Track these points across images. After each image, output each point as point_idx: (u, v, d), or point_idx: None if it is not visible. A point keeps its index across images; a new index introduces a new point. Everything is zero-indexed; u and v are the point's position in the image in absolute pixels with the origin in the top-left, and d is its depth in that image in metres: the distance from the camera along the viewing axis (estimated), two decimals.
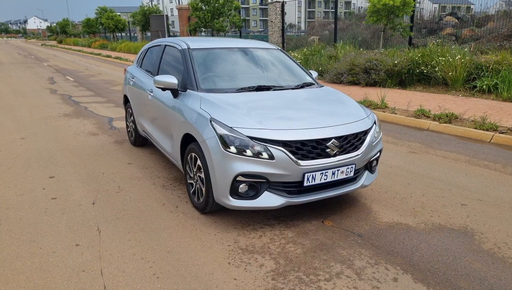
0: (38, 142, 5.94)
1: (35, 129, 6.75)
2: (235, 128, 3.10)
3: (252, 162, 3.02)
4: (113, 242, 3.06)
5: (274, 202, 3.14)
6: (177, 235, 3.18)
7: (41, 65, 21.46)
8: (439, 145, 5.79)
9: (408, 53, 10.69)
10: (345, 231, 3.27)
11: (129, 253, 2.91)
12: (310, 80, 4.41)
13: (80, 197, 3.91)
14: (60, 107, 8.94)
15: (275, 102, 3.58)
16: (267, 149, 3.02)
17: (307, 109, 3.51)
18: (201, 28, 20.74)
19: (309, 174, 3.13)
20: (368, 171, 3.63)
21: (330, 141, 3.17)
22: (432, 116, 7.07)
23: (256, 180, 3.09)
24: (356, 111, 3.65)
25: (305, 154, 3.11)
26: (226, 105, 3.40)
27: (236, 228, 3.31)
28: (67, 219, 3.44)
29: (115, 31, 36.67)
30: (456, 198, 3.91)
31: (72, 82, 13.78)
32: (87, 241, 3.09)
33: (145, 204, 3.76)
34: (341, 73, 11.14)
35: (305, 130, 3.14)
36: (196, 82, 3.81)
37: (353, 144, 3.33)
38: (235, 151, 3.03)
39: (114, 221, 3.42)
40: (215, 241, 3.10)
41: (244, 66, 4.29)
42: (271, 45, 4.80)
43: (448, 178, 4.46)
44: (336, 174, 3.26)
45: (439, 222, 3.43)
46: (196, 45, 4.28)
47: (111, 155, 5.30)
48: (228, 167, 3.05)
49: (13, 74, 16.69)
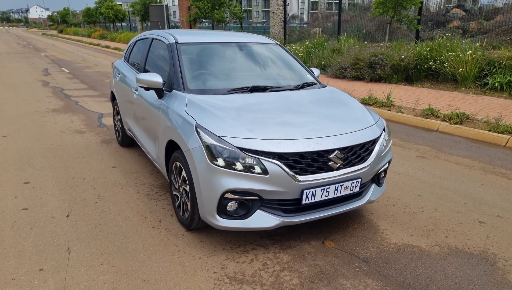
0: (20, 141, 5.54)
1: (19, 126, 6.34)
2: (223, 137, 2.68)
3: (243, 177, 2.62)
4: (82, 267, 2.67)
5: (267, 222, 2.73)
6: (156, 258, 2.78)
7: (38, 56, 21.00)
8: (450, 149, 5.36)
9: (415, 47, 10.19)
10: (348, 254, 2.87)
11: (99, 282, 2.52)
12: (312, 79, 3.97)
13: (54, 208, 3.52)
14: (49, 101, 8.52)
15: (271, 105, 3.16)
16: (260, 163, 2.60)
17: (308, 114, 3.08)
18: (201, 19, 20.17)
19: (308, 191, 2.72)
20: (375, 184, 3.22)
21: (333, 152, 2.76)
22: (441, 116, 6.63)
23: (247, 198, 2.68)
24: (363, 116, 3.23)
25: (304, 167, 2.69)
26: (215, 109, 2.98)
27: (225, 249, 2.91)
28: (35, 236, 3.05)
29: (114, 21, 36.04)
30: (472, 214, 3.50)
31: (66, 74, 13.34)
32: (53, 264, 2.69)
33: (125, 218, 3.36)
34: (344, 68, 10.66)
35: (305, 140, 2.72)
36: (183, 82, 3.38)
37: (360, 155, 2.92)
38: (223, 164, 2.62)
39: (87, 238, 3.03)
40: (199, 266, 2.70)
41: (238, 63, 3.86)
42: (269, 40, 4.35)
43: (462, 188, 4.05)
44: (339, 189, 2.85)
45: (455, 244, 3.02)
46: (185, 39, 3.84)
47: (96, 157, 4.89)
48: (215, 183, 2.65)
49: (8, 64, 16.25)
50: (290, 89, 3.61)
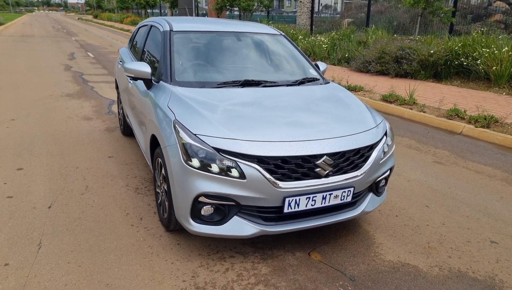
0: (26, 125, 5.53)
1: (30, 110, 6.37)
2: (200, 136, 2.46)
3: (218, 181, 2.39)
4: (48, 265, 2.54)
5: (244, 230, 2.50)
6: (127, 261, 2.62)
7: (69, 40, 21.43)
8: (472, 155, 4.92)
9: (447, 42, 9.55)
10: (334, 270, 2.60)
11: (61, 283, 2.38)
12: (315, 74, 3.67)
13: (38, 198, 3.42)
14: (66, 85, 8.57)
15: (260, 103, 2.89)
16: (237, 166, 2.37)
17: (299, 114, 2.81)
18: (227, 6, 19.88)
19: (291, 199, 2.46)
20: (373, 193, 2.92)
21: (321, 158, 2.48)
22: (467, 118, 6.13)
23: (223, 203, 2.46)
24: (362, 118, 2.92)
25: (287, 173, 2.44)
26: (198, 104, 2.75)
27: (201, 255, 2.71)
28: (11, 227, 2.96)
29: (146, 7, 36.35)
30: (484, 232, 3.14)
31: (90, 58, 13.48)
32: (20, 259, 2.58)
33: (106, 213, 3.22)
34: (368, 61, 10.16)
35: (289, 143, 2.45)
36: (171, 73, 3.17)
37: (353, 162, 2.62)
38: (198, 166, 2.40)
39: (63, 233, 2.90)
40: (169, 273, 2.51)
41: (234, 54, 3.60)
42: (273, 30, 4.06)
43: (477, 201, 3.66)
44: (328, 199, 2.58)
45: (458, 266, 2.69)
46: (180, 26, 3.62)
47: (95, 145, 4.80)
48: (188, 185, 2.44)
49: (39, 48, 16.63)
50: (287, 85, 3.33)
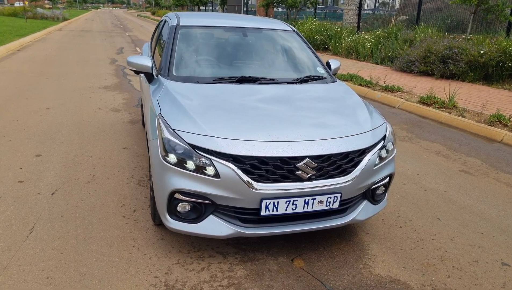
0: (58, 114, 5.83)
1: (65, 100, 6.71)
2: (178, 131, 2.41)
3: (193, 179, 2.33)
4: (33, 249, 2.62)
5: (219, 230, 2.42)
6: (107, 251, 2.64)
7: (123, 35, 22.45)
8: (508, 165, 4.46)
9: (501, 42, 8.77)
10: (314, 279, 2.45)
11: (39, 268, 2.45)
12: (322, 72, 3.49)
13: (46, 184, 3.57)
14: (106, 78, 8.95)
15: (250, 100, 2.79)
16: (212, 164, 2.29)
17: (287, 112, 2.67)
18: (274, 3, 19.75)
19: (268, 201, 2.34)
20: (368, 201, 2.71)
21: (302, 160, 2.33)
22: (510, 125, 5.58)
23: (199, 201, 2.39)
24: (357, 120, 2.72)
25: (264, 174, 2.32)
26: (186, 99, 2.71)
27: (181, 251, 2.67)
28: (12, 210, 3.11)
29: (198, 4, 37.24)
30: (498, 252, 2.81)
31: (137, 53, 14.00)
32: (9, 242, 2.69)
33: (103, 203, 3.28)
34: (412, 61, 9.61)
35: (268, 143, 2.33)
36: (169, 67, 3.17)
37: (340, 166, 2.44)
38: (174, 162, 2.35)
39: (57, 219, 3.00)
40: (143, 267, 2.50)
41: (238, 50, 3.51)
42: (285, 26, 3.92)
43: (499, 217, 3.30)
44: (310, 203, 2.43)
45: (456, 288, 2.42)
46: (188, 22, 3.61)
47: (114, 136, 4.94)
48: (165, 180, 2.40)
49: (93, 42, 17.58)
50: (287, 83, 3.19)
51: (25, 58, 11.45)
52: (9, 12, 35.22)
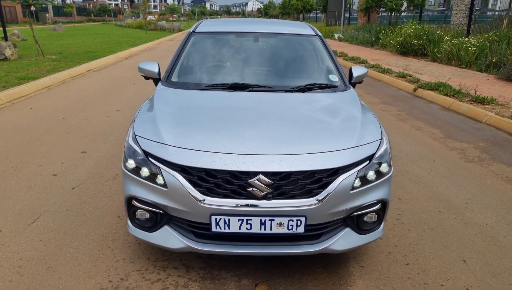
0: (122, 116, 6.33)
1: (136, 103, 7.27)
2: (138, 137, 2.37)
3: (145, 187, 2.26)
4: (26, 238, 2.82)
5: (171, 242, 2.30)
6: (83, 249, 2.71)
7: None
8: None
9: None
10: None
11: (18, 257, 2.61)
12: (334, 80, 3.12)
13: (73, 179, 3.87)
14: None
15: (230, 108, 2.63)
16: (161, 173, 2.19)
17: (261, 122, 2.43)
18: (373, 7, 18.69)
19: (218, 217, 2.14)
20: (351, 229, 2.30)
21: (255, 176, 2.08)
22: None
23: (152, 209, 2.31)
24: (340, 135, 2.35)
25: (213, 188, 2.13)
26: (165, 105, 2.69)
27: (149, 258, 2.61)
28: (30, 201, 3.40)
29: (302, 12, 37.42)
30: None
31: None
32: (11, 229, 2.94)
33: (109, 202, 3.41)
34: None
35: (218, 155, 2.14)
36: (170, 73, 3.23)
37: (304, 186, 2.11)
38: (131, 168, 2.32)
39: (61, 213, 3.20)
40: (104, 270, 2.49)
41: (244, 56, 3.38)
42: (308, 30, 3.61)
43: None
44: (268, 225, 2.15)
45: None
46: (204, 28, 3.62)
47: None
48: (124, 185, 2.41)
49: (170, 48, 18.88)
50: (285, 90, 2.91)
51: (126, 65, 12.81)
52: (136, 25, 40.12)
